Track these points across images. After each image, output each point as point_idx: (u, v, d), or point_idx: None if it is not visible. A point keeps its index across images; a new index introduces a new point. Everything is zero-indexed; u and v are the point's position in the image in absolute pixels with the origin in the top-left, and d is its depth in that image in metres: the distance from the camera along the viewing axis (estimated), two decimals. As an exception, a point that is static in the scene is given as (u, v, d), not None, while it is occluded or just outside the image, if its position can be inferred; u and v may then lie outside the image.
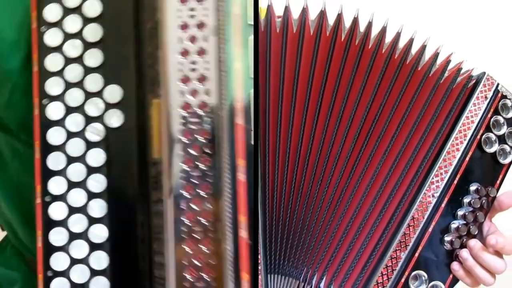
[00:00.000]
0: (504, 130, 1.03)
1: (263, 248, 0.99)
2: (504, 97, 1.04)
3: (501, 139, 1.03)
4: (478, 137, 1.02)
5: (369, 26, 1.00)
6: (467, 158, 1.01)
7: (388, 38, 1.02)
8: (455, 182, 1.00)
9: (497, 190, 1.03)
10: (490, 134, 1.03)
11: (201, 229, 0.81)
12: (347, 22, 1.01)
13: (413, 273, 0.98)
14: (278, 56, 0.99)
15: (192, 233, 0.81)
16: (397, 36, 1.01)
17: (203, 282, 0.81)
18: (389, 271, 0.98)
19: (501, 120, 1.03)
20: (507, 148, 1.03)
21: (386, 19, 1.01)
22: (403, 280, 0.98)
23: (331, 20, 1.01)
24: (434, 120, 1.01)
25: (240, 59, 0.79)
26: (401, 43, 1.02)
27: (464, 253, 0.98)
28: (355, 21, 1.00)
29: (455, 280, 1.01)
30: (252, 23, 0.79)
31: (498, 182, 1.03)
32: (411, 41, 1.01)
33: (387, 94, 1.00)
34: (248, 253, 0.79)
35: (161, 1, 0.82)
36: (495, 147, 1.03)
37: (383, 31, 1.01)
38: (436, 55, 1.02)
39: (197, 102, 0.80)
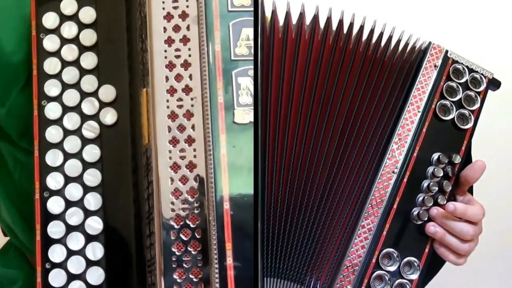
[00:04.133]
0: (460, 95, 1.02)
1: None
2: (455, 62, 1.03)
3: (458, 105, 1.02)
4: (433, 106, 1.01)
5: (351, 27, 1.04)
6: (424, 129, 1.00)
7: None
8: (415, 154, 0.99)
9: (464, 156, 1.01)
10: (445, 101, 1.02)
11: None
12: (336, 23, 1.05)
13: (383, 252, 0.97)
14: (279, 58, 1.03)
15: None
16: (367, 32, 1.05)
17: None
18: (358, 253, 0.97)
19: (455, 85, 1.02)
20: (466, 113, 1.02)
21: (363, 17, 1.05)
22: (374, 260, 0.97)
23: (323, 22, 1.06)
24: (384, 100, 1.03)
25: (219, 43, 0.84)
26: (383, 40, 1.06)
27: (431, 228, 0.98)
28: (340, 24, 1.04)
29: (431, 254, 0.99)
30: (230, 9, 0.84)
31: (463, 148, 1.01)
32: (371, 34, 1.05)
33: (355, 84, 1.04)
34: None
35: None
36: (453, 114, 1.01)
37: (360, 30, 1.05)
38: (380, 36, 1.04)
39: (181, 86, 0.84)
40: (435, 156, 1.00)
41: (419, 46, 1.05)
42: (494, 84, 1.05)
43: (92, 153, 0.95)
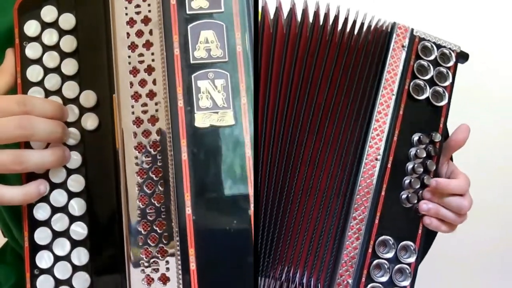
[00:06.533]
0: (431, 72, 1.01)
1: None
2: (422, 40, 1.01)
3: (431, 82, 1.01)
4: (406, 87, 1.00)
5: (326, 17, 1.03)
6: (401, 112, 0.99)
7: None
8: (395, 138, 0.98)
9: (443, 133, 1.00)
10: (418, 81, 1.00)
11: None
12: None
13: (378, 240, 0.97)
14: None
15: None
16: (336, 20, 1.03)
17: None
18: (353, 245, 0.97)
19: (425, 63, 1.01)
20: (440, 90, 1.00)
21: (327, 4, 1.04)
22: (370, 250, 0.97)
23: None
24: (354, 87, 1.01)
25: (178, 47, 0.83)
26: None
27: (423, 206, 0.97)
28: (315, 15, 1.03)
29: (425, 233, 0.99)
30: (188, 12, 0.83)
31: (441, 125, 1.00)
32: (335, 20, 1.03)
33: (331, 72, 1.03)
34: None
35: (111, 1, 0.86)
36: (427, 93, 1.00)
37: (335, 19, 1.02)
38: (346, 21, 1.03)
39: (145, 92, 0.84)
40: (416, 137, 0.99)
41: (385, 28, 1.02)
42: (463, 57, 1.03)
43: (73, 159, 0.95)
